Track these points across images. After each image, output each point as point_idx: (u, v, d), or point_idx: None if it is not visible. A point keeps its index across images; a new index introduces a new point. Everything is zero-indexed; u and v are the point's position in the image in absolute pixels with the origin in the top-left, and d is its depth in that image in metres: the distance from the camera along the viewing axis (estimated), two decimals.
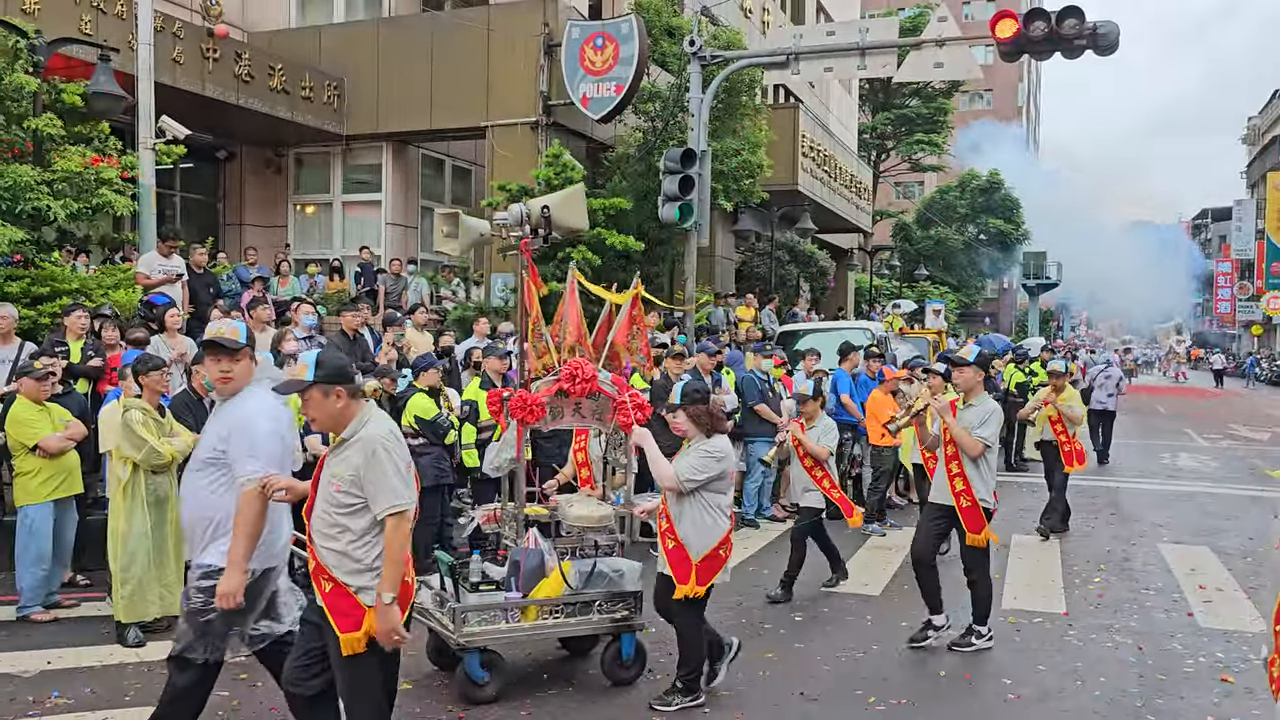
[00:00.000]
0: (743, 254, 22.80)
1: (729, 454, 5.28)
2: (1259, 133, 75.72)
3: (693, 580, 5.17)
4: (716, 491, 5.21)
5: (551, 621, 5.47)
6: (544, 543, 5.72)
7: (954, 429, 6.21)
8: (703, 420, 5.27)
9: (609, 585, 5.59)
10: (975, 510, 6.23)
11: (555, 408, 5.74)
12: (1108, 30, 11.96)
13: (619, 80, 14.56)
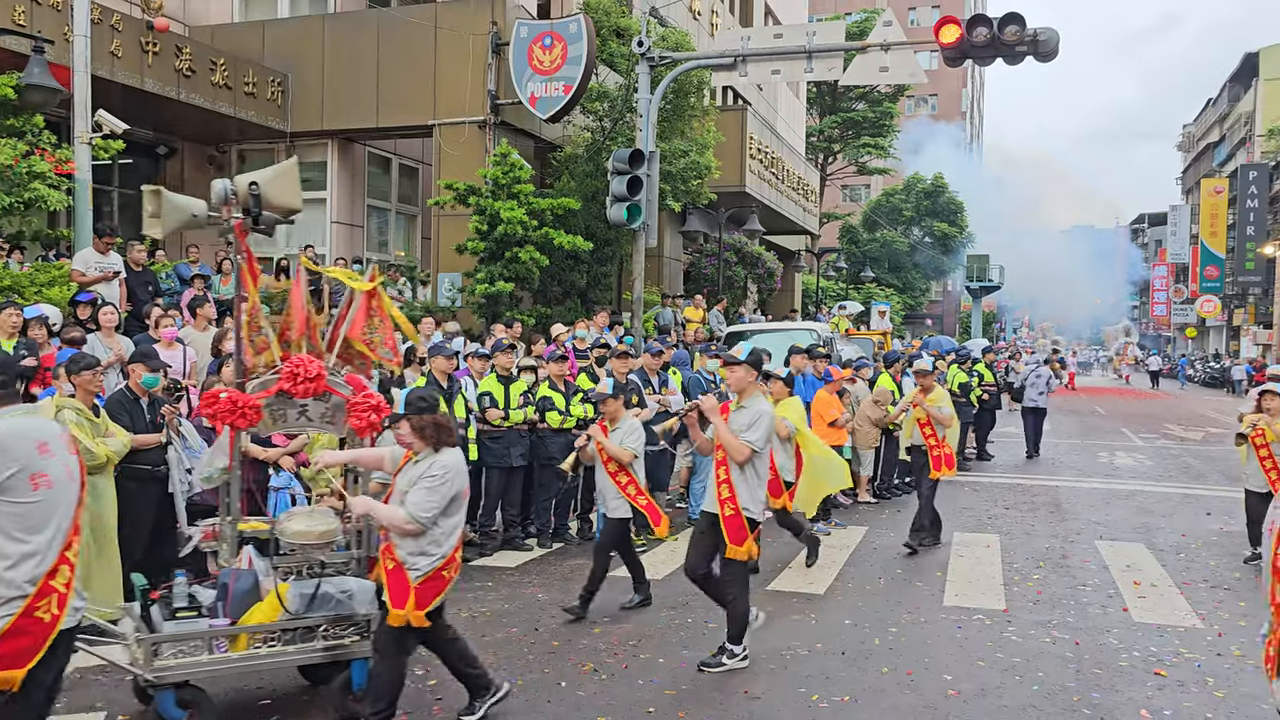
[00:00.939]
0: (691, 255, 22.88)
1: (459, 469, 4.73)
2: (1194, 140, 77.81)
3: (411, 603, 4.61)
4: (447, 514, 4.68)
5: (266, 650, 4.87)
6: (260, 562, 5.19)
7: (721, 432, 5.78)
8: (428, 432, 4.69)
9: (336, 608, 5.02)
10: (738, 520, 5.78)
11: (277, 411, 5.19)
12: (1048, 37, 12.20)
13: (567, 80, 14.54)
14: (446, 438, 4.75)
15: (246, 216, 5.28)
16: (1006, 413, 20.09)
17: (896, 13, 15.40)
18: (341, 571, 5.35)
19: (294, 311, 5.47)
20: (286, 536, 5.20)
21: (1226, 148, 64.43)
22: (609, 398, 7.17)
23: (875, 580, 8.12)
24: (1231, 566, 8.80)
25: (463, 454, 4.95)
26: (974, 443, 16.43)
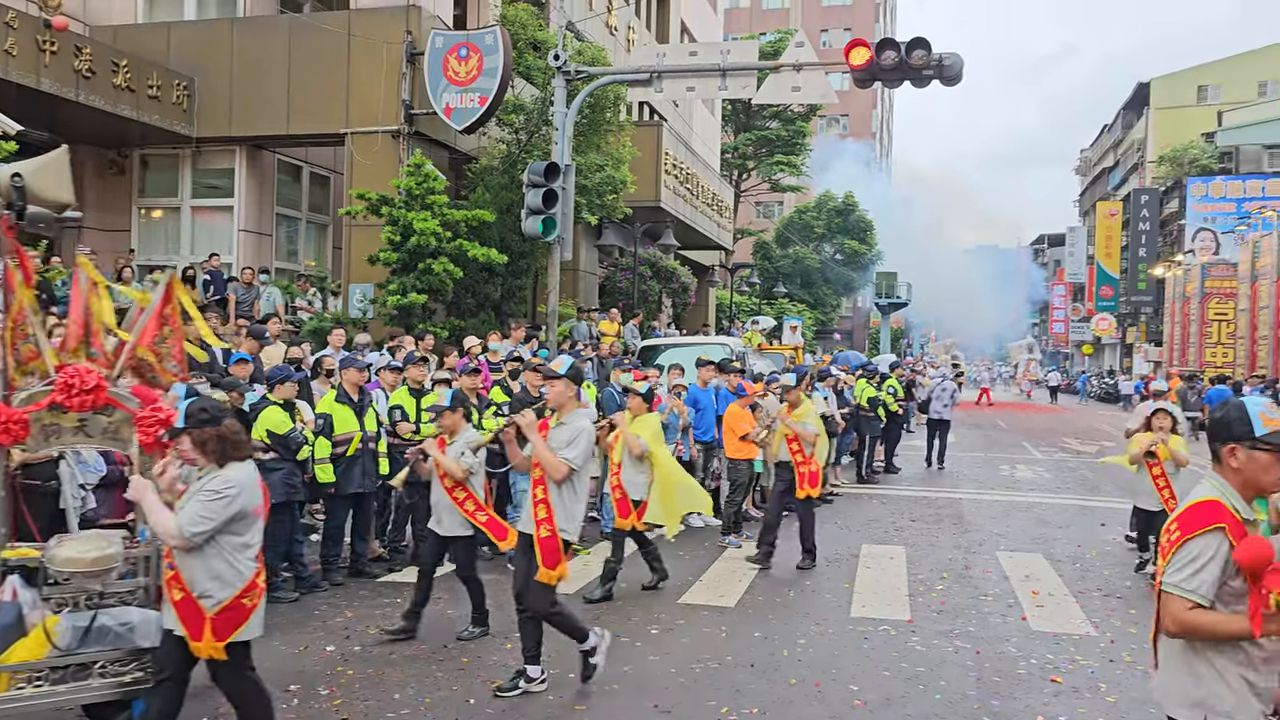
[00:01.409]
0: (606, 269, 22.94)
1: (246, 485, 4.30)
2: (1090, 164, 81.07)
3: (208, 636, 4.22)
4: (235, 533, 4.27)
5: (32, 691, 4.39)
6: (25, 593, 4.65)
7: (539, 450, 5.52)
8: (211, 446, 4.28)
9: (115, 642, 4.55)
10: (554, 541, 5.53)
11: (49, 425, 4.73)
12: (952, 62, 12.60)
13: (483, 92, 14.47)
14: (234, 451, 4.32)
15: (10, 211, 4.79)
16: (914, 426, 20.59)
17: (809, 35, 15.75)
18: (126, 602, 4.81)
19: (72, 319, 5.05)
20: (55, 565, 4.64)
21: (1120, 172, 67.26)
22: (446, 410, 6.72)
23: (785, 592, 8.23)
24: (1123, 576, 9.15)
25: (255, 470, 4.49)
26: (882, 456, 16.80)
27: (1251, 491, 2.96)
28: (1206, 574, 2.84)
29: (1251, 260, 29.56)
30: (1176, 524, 2.95)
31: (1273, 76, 56.33)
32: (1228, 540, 2.84)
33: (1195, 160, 49.49)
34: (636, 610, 7.52)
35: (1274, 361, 26.33)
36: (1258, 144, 46.85)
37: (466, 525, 6.59)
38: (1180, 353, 36.84)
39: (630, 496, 7.92)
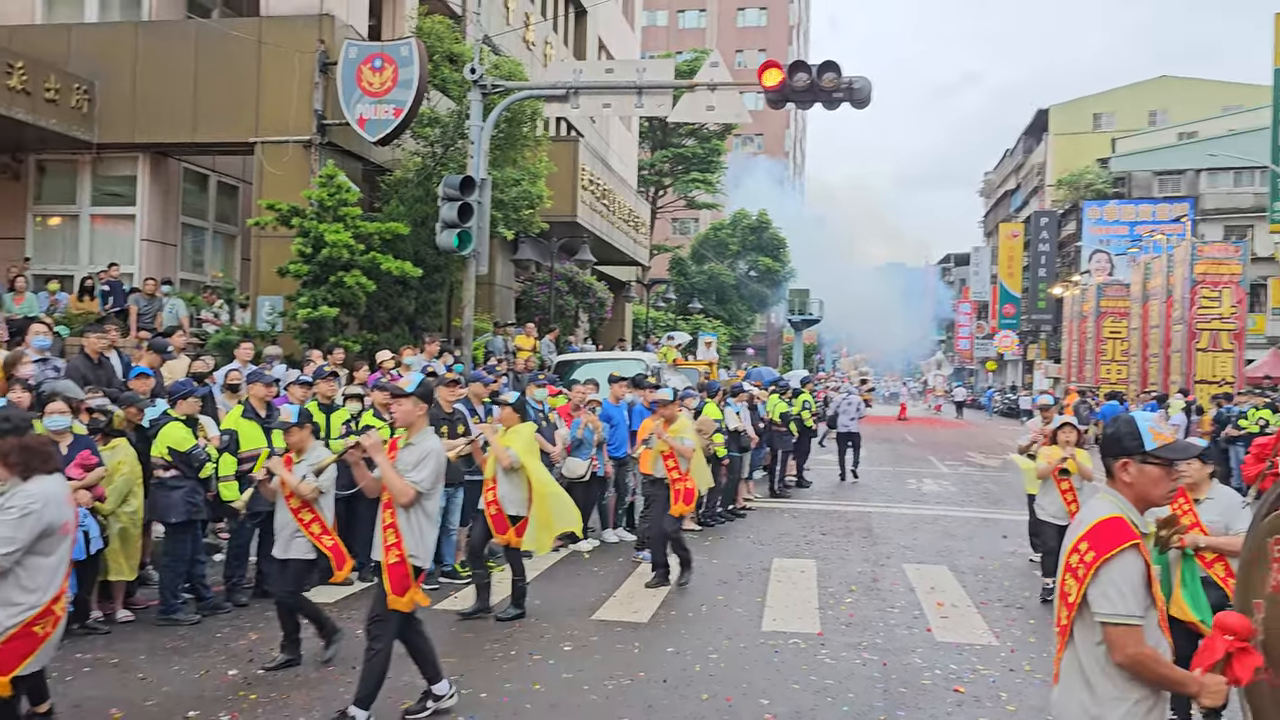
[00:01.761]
0: (522, 283, 22.86)
1: (52, 500, 4.01)
2: (993, 187, 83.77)
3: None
4: (41, 553, 3.98)
5: None
6: None
7: (384, 472, 5.31)
8: (13, 458, 3.99)
9: None
10: (403, 568, 5.29)
11: None
12: (862, 86, 12.93)
13: (398, 103, 14.32)
14: (38, 463, 4.02)
15: None
16: (825, 441, 20.94)
17: (724, 55, 15.99)
18: None
19: None
20: None
21: (1022, 195, 69.69)
22: (293, 427, 6.45)
23: (698, 607, 8.29)
24: (1023, 587, 9.44)
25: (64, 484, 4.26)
26: (793, 470, 17.05)
27: (1143, 505, 3.04)
28: (1136, 593, 2.86)
29: (1143, 281, 30.89)
30: (1087, 543, 2.93)
31: (1161, 106, 59.15)
32: (1141, 556, 2.89)
33: (1091, 185, 51.59)
34: (549, 627, 7.49)
35: (1164, 378, 27.51)
36: (1148, 170, 49.03)
37: (310, 549, 6.31)
38: (1078, 369, 38.24)
39: (507, 512, 7.57)
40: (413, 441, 5.44)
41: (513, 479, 7.56)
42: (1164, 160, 48.86)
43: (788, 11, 69.22)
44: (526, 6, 22.95)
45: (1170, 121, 56.58)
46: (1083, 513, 3.12)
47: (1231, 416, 18.05)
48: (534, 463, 7.65)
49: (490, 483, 7.60)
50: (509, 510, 7.56)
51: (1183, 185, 47.35)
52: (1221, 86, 57.62)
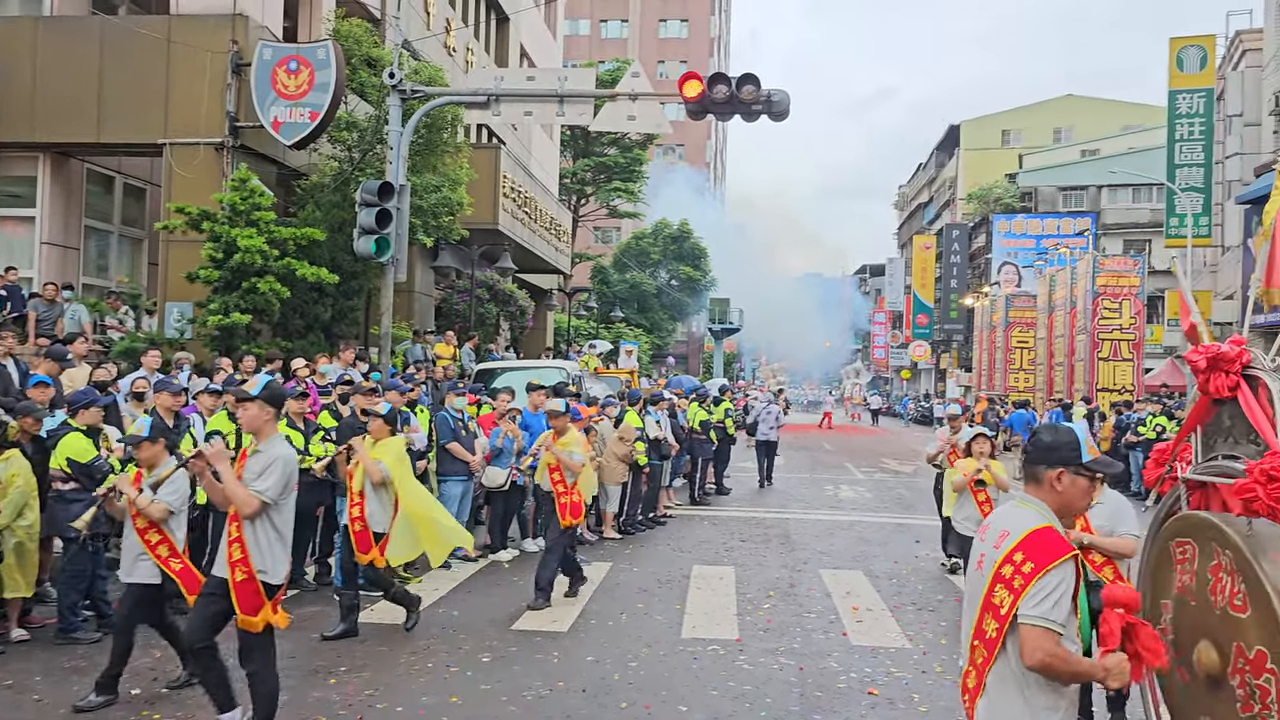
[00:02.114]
0: (442, 291, 22.62)
1: None
2: (907, 200, 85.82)
3: None
4: None
5: None
6: None
7: (226, 482, 4.94)
8: None
9: None
10: (251, 584, 4.96)
11: None
12: (780, 99, 13.11)
13: (314, 107, 14.06)
14: None
15: None
16: (744, 448, 21.17)
17: (646, 65, 16.08)
18: None
19: None
20: None
21: (934, 208, 71.51)
22: (144, 441, 5.97)
23: (618, 615, 8.29)
24: (935, 590, 9.66)
25: None
26: (713, 477, 17.18)
27: (1067, 514, 3.07)
28: (1065, 603, 2.87)
29: (1049, 293, 31.91)
30: (1023, 554, 2.91)
31: (1066, 124, 61.37)
32: (1075, 568, 2.91)
33: (1000, 199, 53.21)
34: (467, 638, 7.41)
35: (1068, 386, 28.44)
36: (1053, 185, 50.75)
37: (155, 573, 5.84)
38: (988, 378, 39.30)
39: (372, 529, 7.20)
40: (260, 449, 5.06)
41: (381, 495, 7.25)
42: (1068, 176, 50.63)
43: (709, 24, 69.93)
44: (447, 12, 22.77)
45: (1074, 139, 58.73)
46: (1004, 521, 3.08)
47: (1131, 423, 18.76)
48: (406, 476, 7.37)
49: (356, 497, 7.26)
50: (374, 527, 7.22)
51: (1085, 200, 49.12)
52: (1122, 106, 60.03)
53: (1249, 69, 28.61)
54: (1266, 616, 2.99)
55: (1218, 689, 3.24)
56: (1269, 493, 3.01)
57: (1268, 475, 3.02)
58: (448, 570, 9.83)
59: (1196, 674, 3.30)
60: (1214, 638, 3.26)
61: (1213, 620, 3.27)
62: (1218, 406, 3.64)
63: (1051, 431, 3.12)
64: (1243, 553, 3.12)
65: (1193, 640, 3.35)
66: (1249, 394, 3.42)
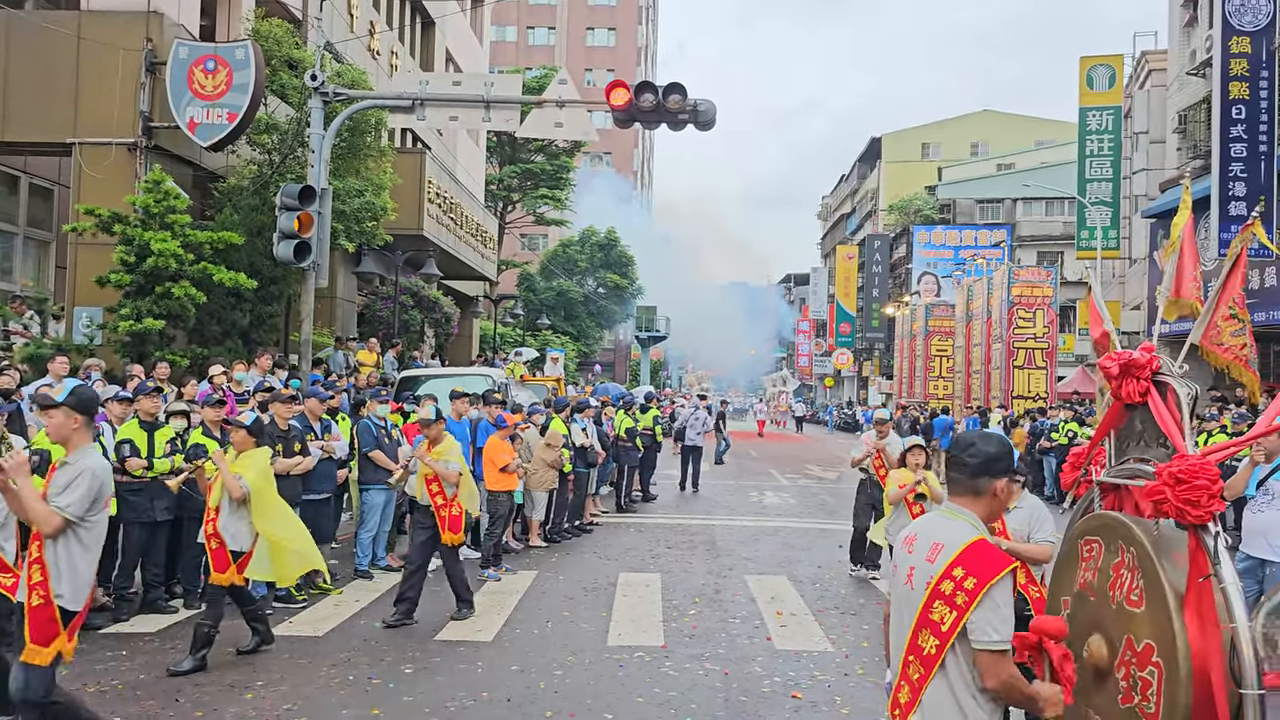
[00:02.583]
0: (366, 297, 22.28)
1: None
2: (830, 210, 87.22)
3: None
4: None
5: None
6: None
7: (23, 496, 4.41)
8: None
9: None
10: (47, 610, 4.46)
11: None
12: (706, 109, 13.23)
13: (232, 108, 13.76)
14: None
15: None
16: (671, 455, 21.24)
17: (573, 73, 16.07)
18: None
19: None
20: None
21: (857, 219, 72.80)
22: None
23: (543, 624, 8.23)
24: (857, 594, 9.81)
25: None
26: (639, 485, 17.20)
27: (992, 520, 3.11)
28: (1011, 618, 2.86)
29: (966, 302, 32.70)
30: (964, 569, 2.88)
31: (982, 138, 63.08)
32: (1015, 581, 2.92)
33: (919, 210, 54.39)
34: (390, 649, 7.29)
35: (985, 394, 29.17)
36: (971, 198, 52.07)
37: None
38: (909, 386, 40.08)
39: (229, 547, 6.77)
40: (68, 460, 4.58)
41: (239, 510, 6.84)
42: (985, 189, 52.00)
43: (636, 33, 70.25)
44: (371, 15, 22.47)
45: (990, 153, 60.38)
46: (935, 533, 3.05)
47: (1045, 429, 19.30)
48: (270, 491, 6.98)
49: (212, 513, 6.86)
50: (232, 545, 6.78)
51: (1001, 213, 50.47)
52: (1036, 122, 61.90)
53: (1154, 88, 29.73)
54: (1159, 612, 3.10)
55: (1103, 681, 3.35)
56: (1177, 494, 3.11)
57: (1176, 478, 3.12)
58: (370, 580, 9.67)
59: (1085, 666, 3.41)
60: (1106, 632, 3.37)
61: (1108, 615, 3.37)
62: (1130, 411, 3.76)
63: (991, 441, 3.11)
64: (1146, 551, 3.22)
65: (1085, 634, 3.46)
66: (1159, 399, 3.54)
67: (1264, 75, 20.22)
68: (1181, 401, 3.46)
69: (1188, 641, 2.99)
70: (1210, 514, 3.08)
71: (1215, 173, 20.19)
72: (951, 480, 3.14)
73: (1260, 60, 20.20)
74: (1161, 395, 3.55)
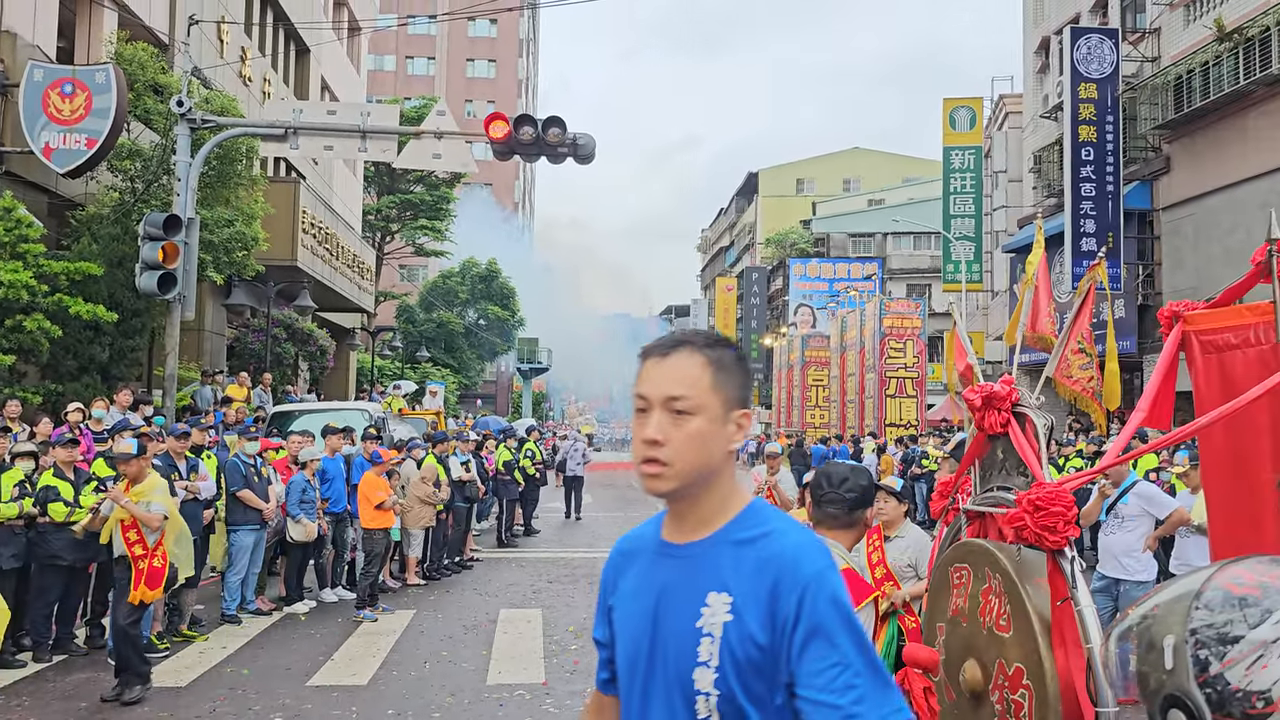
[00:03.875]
0: (236, 329, 21.53)
1: None
2: (710, 243, 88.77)
3: None
4: None
5: None
6: None
7: None
8: None
9: None
10: None
11: None
12: (586, 142, 13.34)
13: (91, 133, 13.17)
14: None
15: None
16: (554, 488, 21.18)
17: (453, 104, 15.98)
18: None
19: None
20: None
21: (735, 251, 74.30)
22: None
23: (421, 665, 8.04)
24: None
25: None
26: (521, 519, 17.04)
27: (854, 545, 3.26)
28: None
29: (840, 333, 33.68)
30: None
31: (854, 175, 65.37)
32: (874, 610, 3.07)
33: (795, 244, 55.92)
34: (259, 698, 7.00)
35: (860, 423, 30.02)
36: (843, 232, 53.82)
37: None
38: (786, 415, 40.94)
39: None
40: None
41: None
42: (856, 224, 53.83)
43: (517, 66, 70.38)
44: (243, 40, 21.91)
45: (861, 189, 62.58)
46: None
47: (915, 456, 19.97)
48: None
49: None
50: None
51: (873, 247, 52.29)
52: (903, 160, 64.54)
53: (1011, 129, 31.40)
54: (1026, 636, 3.23)
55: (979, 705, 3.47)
56: (1035, 521, 3.26)
57: (1034, 505, 3.27)
58: (238, 626, 9.28)
59: (962, 691, 3.52)
60: (980, 656, 3.49)
61: (980, 640, 3.50)
62: (992, 442, 3.93)
63: (860, 474, 3.29)
64: (1010, 576, 3.35)
65: (961, 659, 3.58)
66: (1018, 430, 3.71)
67: (1109, 119, 21.60)
68: (1039, 432, 3.63)
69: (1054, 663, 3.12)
70: (1066, 539, 3.23)
71: (1068, 211, 21.41)
72: (826, 516, 3.25)
73: (1106, 105, 21.57)
74: (1021, 426, 3.72)
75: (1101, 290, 4.55)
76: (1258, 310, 3.57)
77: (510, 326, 48.99)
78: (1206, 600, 1.43)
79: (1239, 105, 19.00)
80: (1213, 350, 3.77)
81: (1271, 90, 18.15)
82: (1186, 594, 1.54)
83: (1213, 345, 3.77)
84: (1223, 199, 19.79)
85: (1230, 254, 19.59)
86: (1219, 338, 3.74)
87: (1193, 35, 20.52)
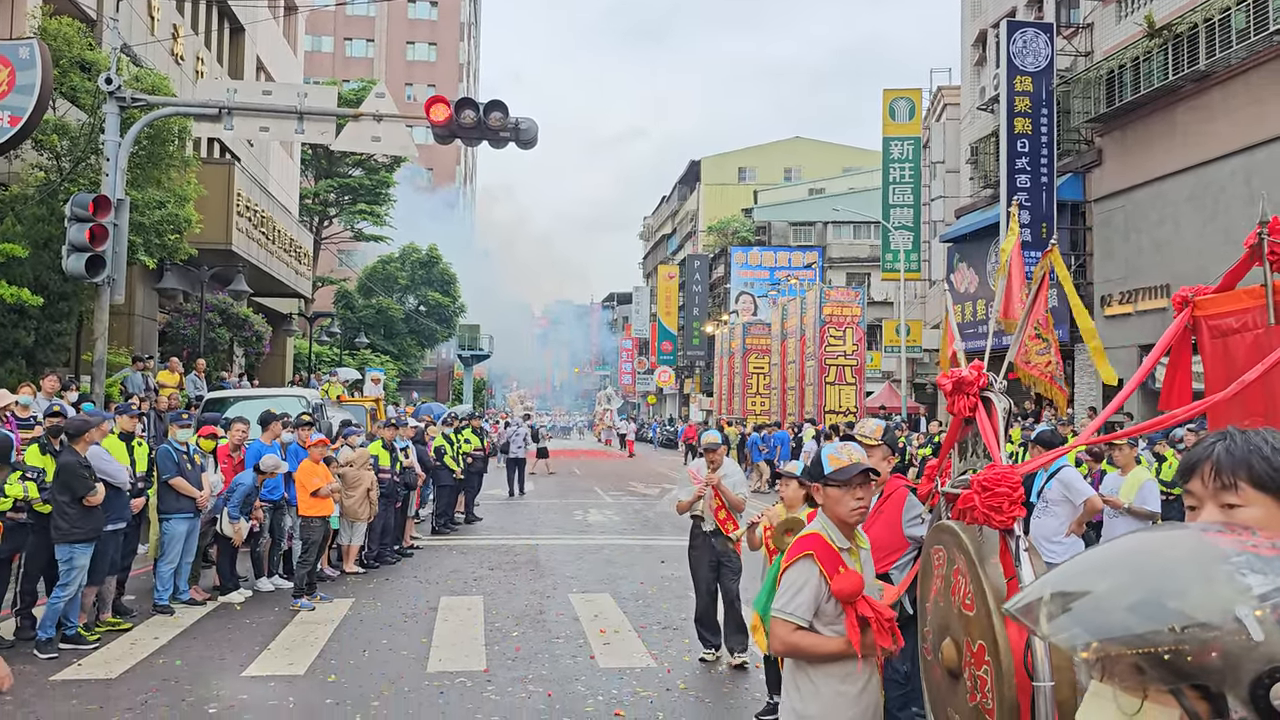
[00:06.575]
0: (168, 314, 21.03)
1: None
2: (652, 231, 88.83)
3: None
4: None
5: None
6: None
7: None
8: None
9: None
10: None
11: None
12: (528, 126, 13.24)
13: (14, 110, 12.73)
14: None
15: None
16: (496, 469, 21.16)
17: (392, 87, 15.75)
18: None
19: None
20: None
21: (677, 239, 74.41)
22: None
23: (359, 654, 7.95)
24: (679, 609, 9.94)
25: None
26: (463, 506, 16.93)
27: (838, 522, 3.47)
28: (802, 597, 3.32)
29: (781, 321, 33.96)
30: (785, 555, 3.46)
31: (795, 164, 65.82)
32: (816, 565, 3.33)
33: (737, 232, 56.17)
34: (193, 689, 6.87)
35: (800, 409, 30.34)
36: (785, 221, 54.20)
37: None
38: (728, 402, 41.20)
39: None
40: None
41: None
42: (797, 212, 54.24)
43: (458, 50, 69.53)
44: (175, 18, 21.33)
45: (802, 178, 63.05)
46: None
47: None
48: None
49: None
50: None
51: (813, 235, 52.76)
52: (843, 150, 65.17)
53: (949, 121, 31.87)
54: (984, 614, 3.30)
55: (956, 682, 3.55)
56: (984, 501, 3.32)
57: (983, 485, 3.33)
58: (171, 616, 9.10)
59: (942, 669, 3.60)
60: (954, 635, 3.56)
61: (954, 619, 3.57)
62: (968, 425, 4.00)
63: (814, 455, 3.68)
64: (971, 556, 3.42)
65: (941, 638, 3.65)
66: (983, 413, 3.78)
67: (1044, 112, 22.03)
68: (999, 413, 3.71)
69: (1008, 639, 3.19)
70: (1012, 519, 3.30)
71: (1003, 201, 21.80)
72: None
73: (1041, 98, 22.00)
74: (987, 410, 3.79)
75: (1054, 277, 4.65)
76: (1254, 294, 3.64)
77: (451, 313, 48.54)
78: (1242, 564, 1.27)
79: (1168, 100, 19.51)
80: (1219, 335, 3.84)
81: (1199, 86, 18.67)
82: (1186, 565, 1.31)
83: (1218, 330, 3.84)
84: (1151, 191, 20.33)
85: (1159, 245, 20.13)
86: (1223, 322, 3.81)
87: (1124, 31, 21.02)
